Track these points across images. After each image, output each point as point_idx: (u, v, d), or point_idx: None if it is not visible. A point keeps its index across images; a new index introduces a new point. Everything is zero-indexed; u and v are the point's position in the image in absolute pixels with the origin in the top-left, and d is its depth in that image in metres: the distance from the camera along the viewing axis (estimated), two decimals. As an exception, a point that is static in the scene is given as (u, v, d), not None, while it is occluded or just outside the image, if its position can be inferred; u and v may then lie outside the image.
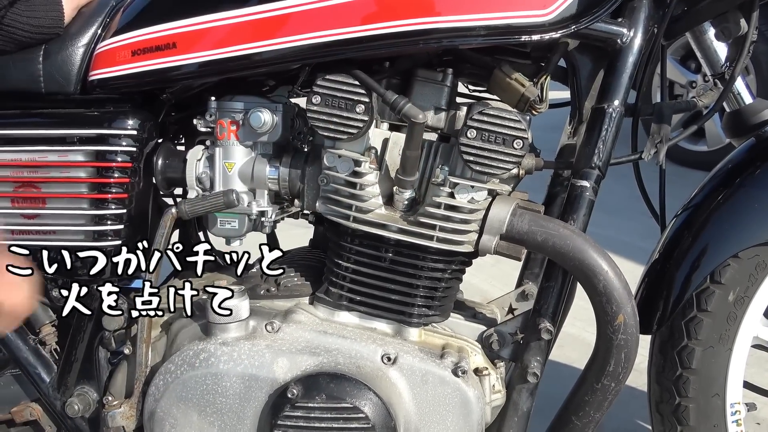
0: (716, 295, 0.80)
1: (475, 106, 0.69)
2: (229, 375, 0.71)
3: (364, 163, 0.70)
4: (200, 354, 0.71)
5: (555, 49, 0.73)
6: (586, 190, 0.71)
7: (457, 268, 0.75)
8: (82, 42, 0.78)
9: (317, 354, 0.71)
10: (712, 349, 0.81)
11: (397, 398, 0.71)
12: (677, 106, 0.83)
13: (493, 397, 0.75)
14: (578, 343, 1.69)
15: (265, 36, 0.68)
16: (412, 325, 0.74)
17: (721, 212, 0.80)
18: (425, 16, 0.65)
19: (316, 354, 0.71)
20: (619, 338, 0.68)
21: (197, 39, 0.71)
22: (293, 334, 0.72)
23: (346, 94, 0.68)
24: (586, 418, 0.73)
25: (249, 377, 0.71)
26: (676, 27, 0.77)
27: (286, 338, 0.72)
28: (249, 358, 0.71)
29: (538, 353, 0.74)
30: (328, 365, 0.71)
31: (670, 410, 0.85)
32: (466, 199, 0.69)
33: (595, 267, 0.67)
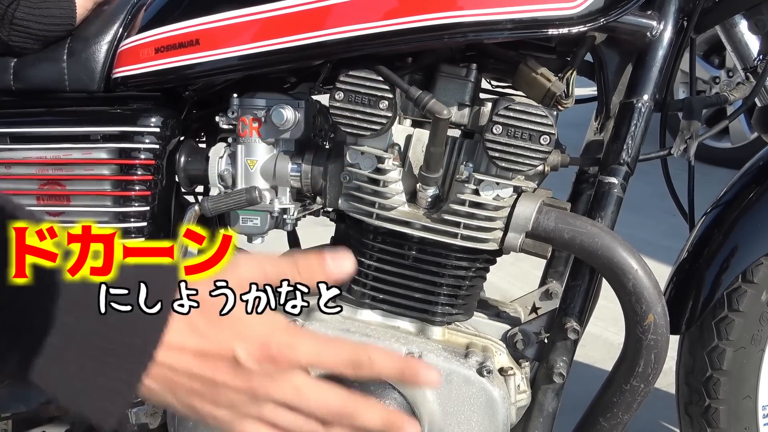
0: (748, 294, 0.78)
1: (501, 102, 0.67)
2: (252, 373, 0.70)
3: (387, 160, 0.70)
4: (223, 352, 0.71)
5: (582, 43, 0.71)
6: (614, 186, 0.70)
7: (482, 266, 0.74)
8: (106, 40, 0.79)
9: (340, 352, 0.71)
10: (743, 350, 0.79)
11: (421, 398, 0.70)
12: (707, 100, 0.81)
13: (518, 397, 0.74)
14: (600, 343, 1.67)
15: (288, 32, 0.68)
16: (436, 324, 0.74)
17: (753, 210, 0.78)
18: (450, 10, 0.64)
19: (339, 352, 0.71)
20: (648, 338, 0.67)
21: (220, 36, 0.70)
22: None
23: (369, 90, 0.67)
24: (614, 420, 0.72)
25: (272, 375, 0.70)
26: (706, 19, 0.75)
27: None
28: (272, 356, 0.71)
29: (563, 353, 0.73)
30: (351, 364, 0.70)
31: (699, 412, 0.83)
32: (491, 196, 0.68)
33: (624, 265, 0.66)
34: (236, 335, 0.40)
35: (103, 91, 0.78)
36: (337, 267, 0.42)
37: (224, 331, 0.40)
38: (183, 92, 0.81)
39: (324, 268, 0.42)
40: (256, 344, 0.40)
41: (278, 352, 0.40)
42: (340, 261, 0.43)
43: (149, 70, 0.74)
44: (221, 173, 0.77)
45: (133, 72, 0.75)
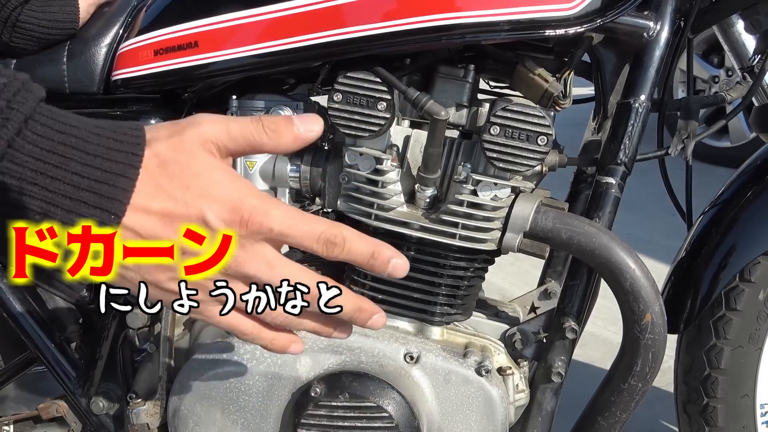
0: (746, 293, 0.78)
1: (498, 103, 0.68)
2: (252, 373, 0.71)
3: (385, 161, 0.70)
4: (223, 352, 0.71)
5: (579, 44, 0.72)
6: (612, 186, 0.70)
7: (480, 266, 0.74)
8: (105, 42, 0.79)
9: (340, 352, 0.71)
10: (741, 348, 0.79)
11: (420, 397, 0.70)
12: (705, 100, 0.82)
13: (516, 396, 0.74)
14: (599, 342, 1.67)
15: (286, 34, 0.68)
16: (435, 324, 0.74)
17: (750, 209, 0.78)
18: (447, 12, 0.64)
19: (338, 352, 0.71)
20: (646, 338, 0.67)
21: (219, 38, 0.71)
22: (315, 333, 0.72)
23: (367, 92, 0.68)
24: (613, 419, 0.72)
25: (272, 375, 0.71)
26: (703, 19, 0.75)
27: (308, 336, 0.72)
28: (271, 356, 0.71)
29: (562, 352, 0.73)
30: (350, 364, 0.70)
31: (697, 411, 0.83)
32: (489, 196, 0.69)
33: (621, 265, 0.66)
34: (205, 196, 0.38)
35: (102, 93, 0.78)
36: (305, 129, 0.40)
37: (192, 191, 0.37)
38: (182, 94, 0.81)
39: (291, 129, 0.40)
40: (226, 206, 0.38)
41: (249, 216, 0.38)
42: (308, 123, 0.41)
43: (148, 72, 0.74)
44: (221, 174, 0.78)
45: (133, 74, 0.75)
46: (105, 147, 0.36)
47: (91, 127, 0.37)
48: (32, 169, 0.35)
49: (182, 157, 0.38)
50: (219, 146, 0.40)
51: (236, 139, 0.40)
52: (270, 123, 0.40)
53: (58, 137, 0.36)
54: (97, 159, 0.36)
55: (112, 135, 0.37)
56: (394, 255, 0.42)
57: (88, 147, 0.36)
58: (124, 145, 0.37)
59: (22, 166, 0.35)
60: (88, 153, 0.36)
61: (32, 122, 0.35)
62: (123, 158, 0.37)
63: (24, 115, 0.35)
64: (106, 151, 0.36)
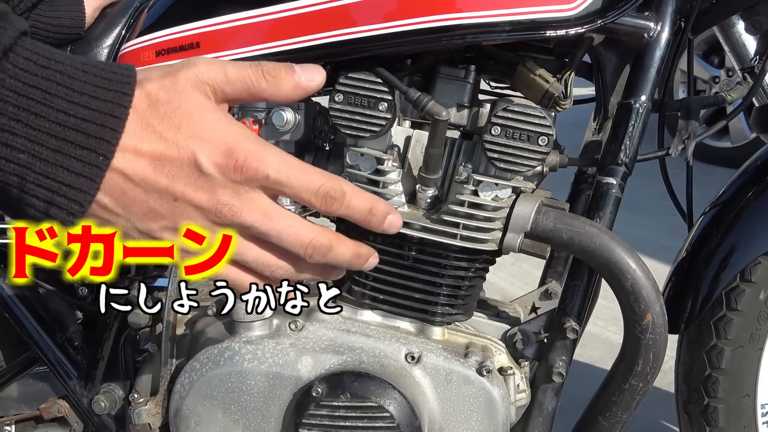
0: (746, 293, 0.78)
1: (499, 103, 0.68)
2: (253, 373, 0.71)
3: (386, 161, 0.70)
4: (225, 352, 0.72)
5: (580, 45, 0.72)
6: (612, 187, 0.70)
7: (481, 267, 0.74)
8: (107, 43, 0.79)
9: (341, 352, 0.71)
10: (742, 348, 0.79)
11: (421, 397, 0.70)
12: (705, 101, 0.82)
13: (517, 396, 0.74)
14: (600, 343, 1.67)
15: (287, 35, 0.68)
16: (436, 324, 0.74)
17: (751, 209, 0.78)
18: (448, 12, 0.64)
19: (339, 352, 0.71)
20: (647, 338, 0.67)
21: (220, 39, 0.71)
22: (317, 333, 0.72)
23: (368, 92, 0.68)
24: (614, 419, 0.72)
25: (273, 375, 0.71)
26: (704, 20, 0.75)
27: (310, 337, 0.72)
28: (273, 356, 0.71)
29: (563, 353, 0.73)
30: (352, 364, 0.70)
31: (698, 411, 0.83)
32: (490, 196, 0.69)
33: (622, 265, 0.66)
34: (197, 137, 0.35)
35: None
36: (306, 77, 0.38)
37: (184, 132, 0.35)
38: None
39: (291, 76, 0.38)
40: (219, 149, 0.36)
41: (245, 161, 0.36)
42: (310, 72, 0.39)
43: (150, 73, 0.74)
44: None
45: (135, 75, 0.76)
46: (93, 85, 0.34)
47: (78, 64, 0.35)
48: (14, 105, 0.33)
49: (174, 97, 0.36)
50: (215, 89, 0.37)
51: (233, 82, 0.38)
52: (270, 68, 0.38)
53: (41, 72, 0.34)
54: (83, 97, 0.34)
55: (100, 73, 0.35)
56: (390, 211, 0.41)
57: (74, 84, 0.34)
58: (113, 84, 0.35)
59: (3, 101, 0.33)
60: (74, 90, 0.34)
61: (13, 55, 0.33)
62: (111, 97, 0.35)
63: (3, 46, 0.33)
64: (94, 89, 0.34)
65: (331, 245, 0.40)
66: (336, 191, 0.39)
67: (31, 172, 0.34)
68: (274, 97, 0.38)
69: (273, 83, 0.38)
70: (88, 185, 0.35)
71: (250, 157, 0.36)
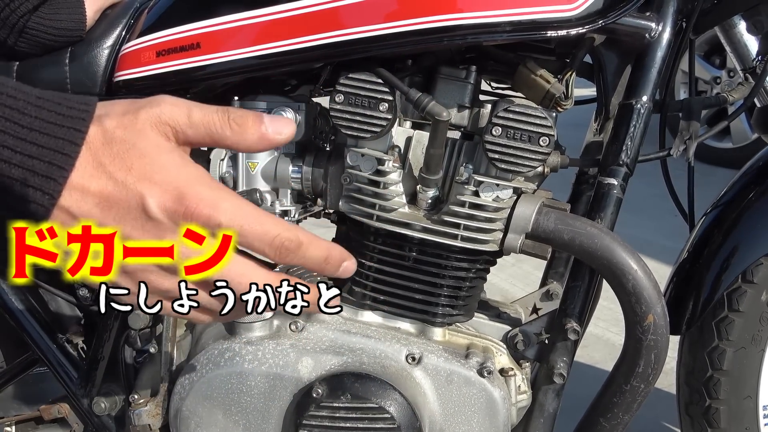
0: (748, 294, 0.78)
1: (500, 103, 0.68)
2: (253, 374, 0.71)
3: (387, 162, 0.70)
4: (225, 353, 0.71)
5: (581, 45, 0.72)
6: (614, 187, 0.70)
7: (482, 267, 0.74)
8: (107, 44, 0.79)
9: (341, 353, 0.71)
10: (744, 350, 0.79)
11: (422, 398, 0.70)
12: (707, 101, 0.81)
13: (518, 397, 0.74)
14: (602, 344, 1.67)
15: (288, 35, 0.68)
16: (436, 325, 0.74)
17: (753, 210, 0.78)
18: (449, 13, 0.64)
19: (340, 353, 0.71)
20: (648, 339, 0.67)
21: (221, 39, 0.71)
22: (317, 334, 0.72)
23: (369, 93, 0.68)
24: (615, 420, 0.72)
25: (273, 376, 0.71)
26: (705, 20, 0.75)
27: (311, 337, 0.72)
28: (273, 357, 0.71)
29: (564, 354, 0.73)
30: (352, 365, 0.70)
31: (700, 412, 0.83)
32: (491, 197, 0.69)
33: (624, 266, 0.66)
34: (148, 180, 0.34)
35: (105, 94, 0.78)
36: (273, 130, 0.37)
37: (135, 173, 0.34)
38: (184, 95, 0.81)
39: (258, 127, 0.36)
40: (170, 193, 0.34)
41: (195, 207, 0.34)
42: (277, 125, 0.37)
43: (151, 74, 0.74)
44: (222, 175, 0.78)
45: (135, 75, 0.75)
46: (44, 120, 0.33)
47: (32, 98, 0.34)
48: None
49: (130, 135, 0.35)
50: (176, 130, 0.36)
51: (196, 126, 0.36)
52: (237, 116, 0.37)
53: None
54: (33, 133, 0.33)
55: (55, 108, 0.34)
56: (345, 257, 0.39)
57: (23, 119, 0.33)
58: (67, 120, 0.34)
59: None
60: (23, 126, 0.33)
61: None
62: (63, 134, 0.33)
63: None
64: (45, 125, 0.33)
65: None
66: (291, 242, 0.37)
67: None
68: (237, 146, 0.37)
69: (237, 132, 0.37)
70: None
71: (202, 203, 0.35)
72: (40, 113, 0.34)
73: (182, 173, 0.35)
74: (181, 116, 0.37)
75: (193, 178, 0.36)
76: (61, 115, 0.34)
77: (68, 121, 0.34)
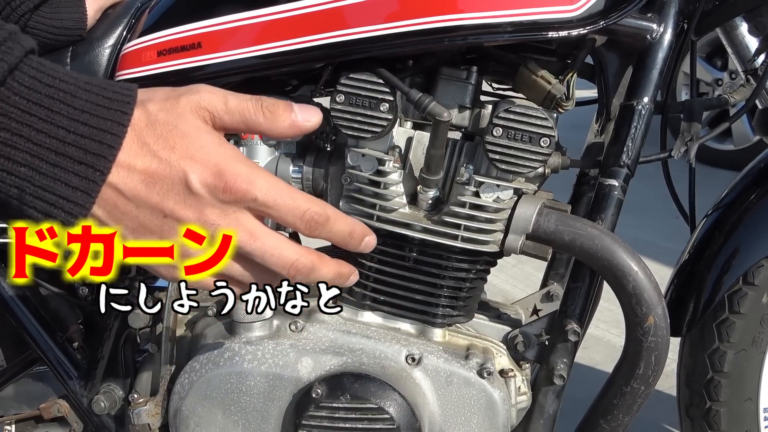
0: (749, 296, 0.78)
1: (501, 104, 0.68)
2: (253, 374, 0.71)
3: (387, 162, 0.70)
4: (225, 353, 0.71)
5: (582, 46, 0.72)
6: (615, 189, 0.70)
7: (482, 268, 0.74)
8: (108, 43, 0.79)
9: (341, 354, 0.71)
10: (744, 352, 0.79)
11: (421, 399, 0.70)
12: (708, 103, 0.81)
13: (518, 399, 0.74)
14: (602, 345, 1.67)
15: (289, 35, 0.68)
16: (436, 326, 0.74)
17: (754, 212, 0.78)
18: (450, 13, 0.64)
19: (340, 354, 0.71)
20: (649, 340, 0.67)
21: (222, 39, 0.71)
22: (317, 334, 0.72)
23: (370, 93, 0.68)
24: (615, 422, 0.72)
25: (273, 376, 0.71)
26: (707, 22, 0.75)
27: (310, 338, 0.72)
28: (273, 357, 0.71)
29: (564, 355, 0.73)
30: (352, 365, 0.70)
31: (700, 414, 0.83)
32: (492, 198, 0.68)
33: (624, 267, 0.66)
34: (190, 157, 0.37)
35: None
36: (303, 117, 0.40)
37: (178, 152, 0.37)
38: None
39: (288, 114, 0.40)
40: (210, 170, 0.37)
41: (234, 183, 0.37)
42: (306, 112, 0.40)
43: (152, 73, 0.74)
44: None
45: (136, 75, 0.75)
46: (94, 103, 0.36)
47: (81, 83, 0.36)
48: (18, 121, 0.35)
49: (172, 118, 0.37)
50: (214, 116, 0.39)
51: (232, 112, 0.39)
52: (269, 104, 0.40)
53: (45, 90, 0.35)
54: (84, 114, 0.36)
55: (102, 92, 0.37)
56: (367, 233, 0.42)
57: (75, 102, 0.36)
58: (114, 103, 0.37)
59: (7, 117, 0.34)
60: (75, 108, 0.36)
61: (19, 73, 0.35)
62: (111, 115, 0.36)
63: (9, 65, 0.35)
64: (95, 108, 0.36)
65: (313, 266, 0.41)
66: (321, 216, 0.40)
67: (30, 185, 0.35)
68: (270, 131, 0.40)
69: (270, 119, 0.40)
70: (84, 199, 0.36)
71: (240, 179, 0.38)
72: (89, 97, 0.36)
73: (221, 152, 0.38)
74: (218, 102, 0.39)
75: (231, 156, 0.38)
76: (108, 99, 0.36)
77: (114, 104, 0.36)
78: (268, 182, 0.38)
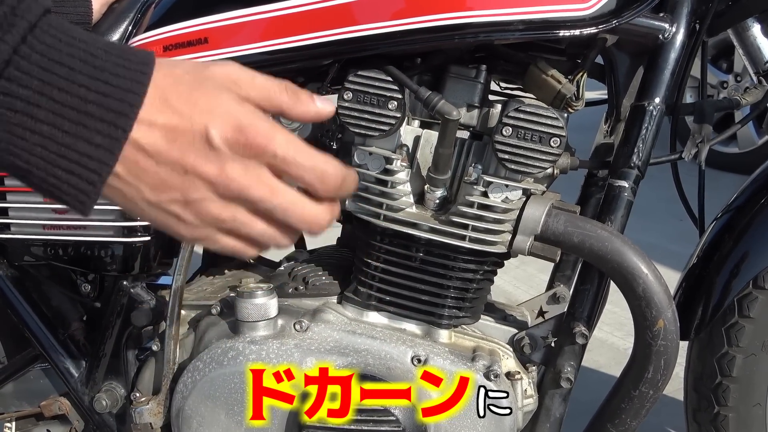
0: (759, 300, 0.77)
1: (511, 103, 0.67)
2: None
3: (395, 161, 0.69)
4: (228, 352, 0.71)
5: (593, 45, 0.71)
6: (624, 190, 0.69)
7: (489, 269, 0.73)
8: (114, 38, 0.79)
9: (346, 354, 0.70)
10: (754, 356, 0.78)
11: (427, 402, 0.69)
12: (719, 104, 0.81)
13: (525, 401, 0.73)
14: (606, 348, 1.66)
15: (297, 31, 0.68)
16: (442, 327, 0.73)
17: (764, 215, 0.77)
18: (461, 11, 0.63)
19: (345, 354, 0.70)
20: (658, 344, 0.66)
21: (228, 34, 0.70)
22: (322, 334, 0.71)
23: (378, 91, 0.67)
24: (623, 426, 0.71)
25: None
26: (719, 22, 0.74)
27: (315, 338, 0.71)
28: (277, 357, 0.70)
29: (571, 358, 0.72)
30: (357, 366, 0.69)
31: (708, 419, 0.82)
32: (500, 198, 0.68)
33: (634, 270, 0.65)
34: (210, 113, 0.37)
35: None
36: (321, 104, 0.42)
37: (198, 107, 0.37)
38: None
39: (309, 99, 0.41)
40: (230, 125, 0.38)
41: (254, 138, 0.38)
42: (324, 102, 0.42)
43: (157, 69, 0.74)
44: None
45: (141, 70, 0.75)
46: (114, 63, 0.37)
47: (101, 44, 0.37)
48: (39, 79, 0.35)
49: (198, 80, 0.38)
50: (240, 87, 0.40)
51: (259, 87, 0.40)
52: (293, 87, 0.42)
53: (66, 49, 0.36)
54: (104, 73, 0.36)
55: (121, 54, 0.37)
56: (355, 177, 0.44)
57: (95, 61, 0.36)
58: (133, 63, 0.37)
59: (29, 75, 0.35)
60: (95, 67, 0.36)
61: (39, 31, 0.35)
62: (131, 75, 0.37)
63: (29, 23, 0.35)
64: (115, 67, 0.36)
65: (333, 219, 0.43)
66: (337, 178, 0.41)
67: (53, 143, 0.35)
68: (290, 111, 0.41)
69: (293, 99, 0.41)
70: (107, 157, 0.36)
71: (260, 135, 0.38)
72: (109, 57, 0.37)
73: (241, 109, 0.39)
74: (247, 76, 0.40)
75: (251, 112, 0.39)
76: (128, 60, 0.37)
77: (134, 64, 0.37)
78: (287, 139, 0.39)
